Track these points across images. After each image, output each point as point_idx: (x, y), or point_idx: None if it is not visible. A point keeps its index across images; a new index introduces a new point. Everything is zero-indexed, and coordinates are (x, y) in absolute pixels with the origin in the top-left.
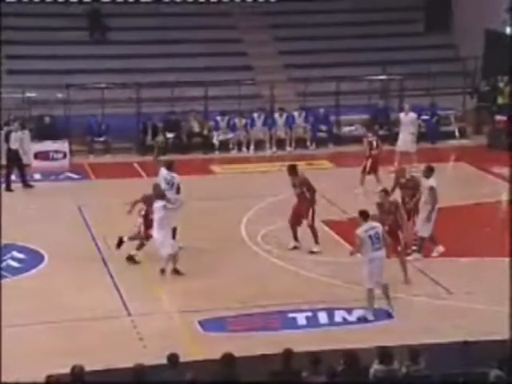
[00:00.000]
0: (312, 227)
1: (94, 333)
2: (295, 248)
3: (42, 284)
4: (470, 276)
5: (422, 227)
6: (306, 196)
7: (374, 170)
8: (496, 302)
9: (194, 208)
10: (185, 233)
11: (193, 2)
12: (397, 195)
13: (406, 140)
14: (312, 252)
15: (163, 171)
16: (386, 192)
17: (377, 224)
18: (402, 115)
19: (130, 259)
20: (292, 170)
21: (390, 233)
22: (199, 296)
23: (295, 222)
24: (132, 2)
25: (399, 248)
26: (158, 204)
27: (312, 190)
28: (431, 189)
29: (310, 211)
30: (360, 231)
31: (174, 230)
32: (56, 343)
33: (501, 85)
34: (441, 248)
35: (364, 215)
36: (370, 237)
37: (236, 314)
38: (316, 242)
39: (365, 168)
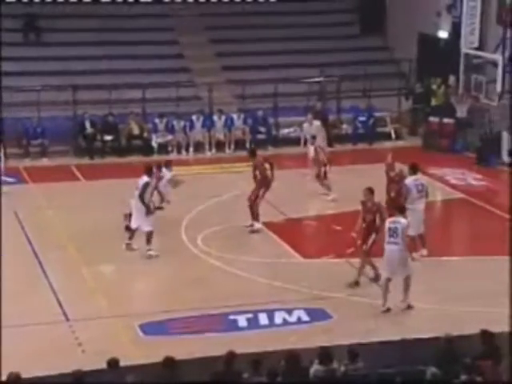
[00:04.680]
0: (251, 206)
1: (32, 339)
2: (251, 226)
3: None
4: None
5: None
6: (257, 179)
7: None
8: (433, 301)
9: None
10: (125, 236)
11: (129, 3)
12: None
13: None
14: (253, 230)
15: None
16: (370, 190)
17: (397, 219)
18: (306, 125)
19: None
20: (250, 153)
21: (365, 231)
22: (139, 299)
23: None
24: (68, 3)
25: (364, 247)
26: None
27: (263, 175)
28: (404, 186)
29: (257, 192)
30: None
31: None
32: None
33: (434, 87)
34: (424, 251)
35: (401, 210)
36: (389, 229)
37: (176, 317)
38: (254, 219)
39: (325, 174)
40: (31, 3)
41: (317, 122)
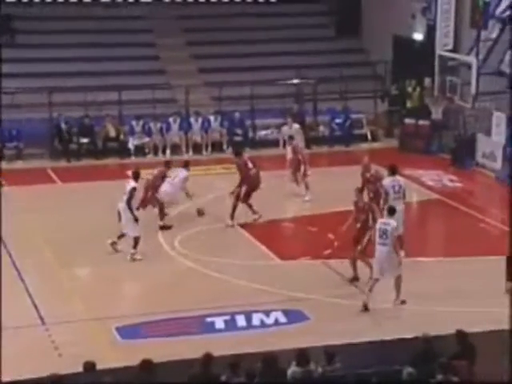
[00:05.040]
0: (233, 204)
1: (8, 342)
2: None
3: None
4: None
5: None
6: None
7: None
8: (410, 302)
9: (111, 214)
10: (103, 238)
11: (105, 5)
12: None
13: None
14: (227, 225)
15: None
16: (360, 190)
17: (388, 221)
18: (285, 128)
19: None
20: (235, 152)
21: (359, 231)
22: (116, 302)
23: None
24: (43, 4)
25: (359, 247)
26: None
27: (242, 175)
28: (381, 187)
29: (238, 191)
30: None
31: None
32: None
33: (409, 89)
34: (402, 253)
35: (391, 211)
36: (379, 230)
37: (154, 320)
38: (231, 216)
39: (304, 173)
40: (6, 4)
41: (296, 125)
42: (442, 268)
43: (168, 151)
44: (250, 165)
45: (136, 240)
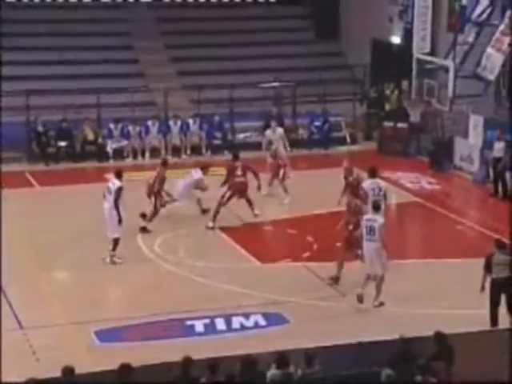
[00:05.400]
0: (216, 207)
1: None
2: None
3: None
4: (360, 279)
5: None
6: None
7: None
8: (389, 304)
9: (90, 217)
10: (81, 242)
11: (84, 7)
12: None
13: (280, 152)
14: (207, 227)
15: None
16: (343, 193)
17: (374, 217)
18: (269, 132)
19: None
20: (233, 155)
21: (351, 232)
22: (95, 306)
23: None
24: (21, 7)
25: (359, 252)
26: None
27: (227, 178)
28: (361, 189)
29: (224, 194)
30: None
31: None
32: None
33: (387, 92)
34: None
35: (376, 207)
36: (366, 227)
37: (133, 324)
38: (212, 219)
39: (283, 176)
40: None
41: (280, 130)
42: (421, 270)
43: (147, 154)
44: (239, 172)
45: (116, 242)
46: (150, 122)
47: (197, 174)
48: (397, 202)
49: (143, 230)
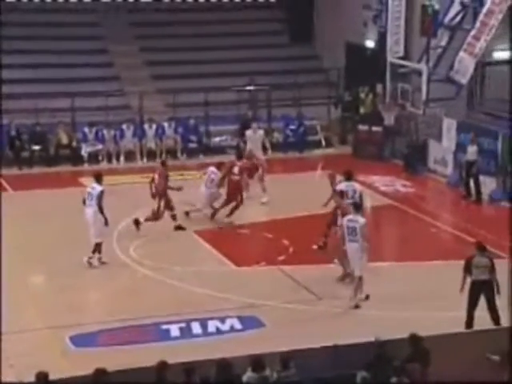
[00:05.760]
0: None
1: None
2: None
3: None
4: (336, 282)
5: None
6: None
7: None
8: (365, 306)
9: (64, 222)
10: (56, 247)
11: (57, 10)
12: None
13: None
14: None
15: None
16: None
17: (355, 218)
18: (249, 133)
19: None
20: (237, 155)
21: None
22: (71, 311)
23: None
24: None
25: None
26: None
27: (224, 175)
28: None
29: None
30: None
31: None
32: None
33: (362, 95)
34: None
35: (356, 208)
36: (348, 228)
37: (108, 328)
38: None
39: (261, 176)
40: None
41: (261, 131)
42: (397, 272)
43: (122, 158)
44: (236, 170)
45: (98, 245)
46: (124, 126)
47: (214, 174)
48: (372, 204)
49: (136, 222)
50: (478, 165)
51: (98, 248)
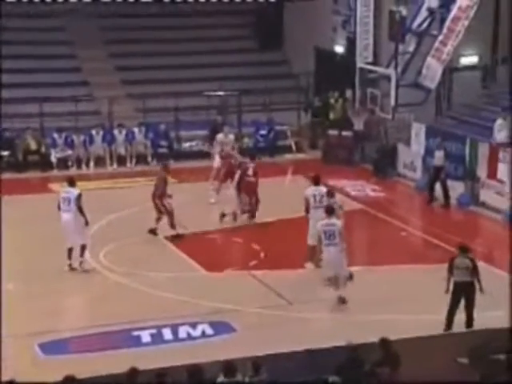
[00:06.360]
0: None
1: None
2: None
3: None
4: (307, 286)
5: (310, 236)
6: None
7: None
8: (336, 310)
9: (33, 228)
10: (25, 253)
11: (24, 15)
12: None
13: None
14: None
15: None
16: (331, 194)
17: (331, 221)
18: (221, 136)
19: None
20: (250, 156)
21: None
22: (39, 318)
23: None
24: None
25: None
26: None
27: (239, 177)
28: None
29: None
30: (319, 224)
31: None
32: None
33: (332, 100)
34: (310, 265)
35: (329, 211)
36: (325, 232)
37: (78, 335)
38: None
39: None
40: None
41: (232, 136)
42: (367, 277)
43: (91, 164)
44: (251, 173)
45: (83, 247)
46: (94, 131)
47: (250, 165)
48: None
49: (177, 237)
50: (445, 170)
51: (84, 250)
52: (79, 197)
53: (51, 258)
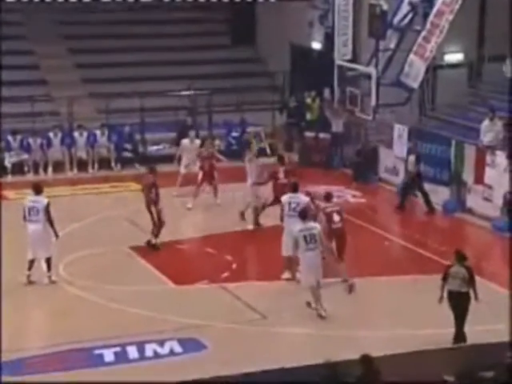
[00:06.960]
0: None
1: None
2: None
3: None
4: (282, 299)
5: (284, 246)
6: None
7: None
8: (311, 326)
9: None
10: None
11: None
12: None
13: (190, 164)
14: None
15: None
16: (327, 198)
17: (311, 225)
18: (186, 142)
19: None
20: (278, 157)
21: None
22: None
23: None
24: None
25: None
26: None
27: (268, 179)
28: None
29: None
30: (296, 230)
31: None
32: None
33: (308, 100)
34: (288, 274)
35: (302, 215)
36: (305, 237)
37: (36, 355)
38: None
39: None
40: None
41: (198, 141)
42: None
43: (50, 169)
44: (281, 175)
45: (49, 261)
46: (52, 134)
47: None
48: None
49: (150, 245)
50: (420, 174)
51: (50, 262)
52: (48, 206)
53: (5, 271)
